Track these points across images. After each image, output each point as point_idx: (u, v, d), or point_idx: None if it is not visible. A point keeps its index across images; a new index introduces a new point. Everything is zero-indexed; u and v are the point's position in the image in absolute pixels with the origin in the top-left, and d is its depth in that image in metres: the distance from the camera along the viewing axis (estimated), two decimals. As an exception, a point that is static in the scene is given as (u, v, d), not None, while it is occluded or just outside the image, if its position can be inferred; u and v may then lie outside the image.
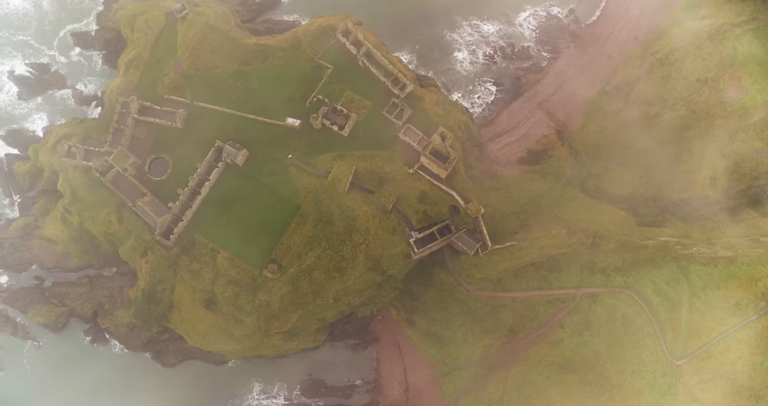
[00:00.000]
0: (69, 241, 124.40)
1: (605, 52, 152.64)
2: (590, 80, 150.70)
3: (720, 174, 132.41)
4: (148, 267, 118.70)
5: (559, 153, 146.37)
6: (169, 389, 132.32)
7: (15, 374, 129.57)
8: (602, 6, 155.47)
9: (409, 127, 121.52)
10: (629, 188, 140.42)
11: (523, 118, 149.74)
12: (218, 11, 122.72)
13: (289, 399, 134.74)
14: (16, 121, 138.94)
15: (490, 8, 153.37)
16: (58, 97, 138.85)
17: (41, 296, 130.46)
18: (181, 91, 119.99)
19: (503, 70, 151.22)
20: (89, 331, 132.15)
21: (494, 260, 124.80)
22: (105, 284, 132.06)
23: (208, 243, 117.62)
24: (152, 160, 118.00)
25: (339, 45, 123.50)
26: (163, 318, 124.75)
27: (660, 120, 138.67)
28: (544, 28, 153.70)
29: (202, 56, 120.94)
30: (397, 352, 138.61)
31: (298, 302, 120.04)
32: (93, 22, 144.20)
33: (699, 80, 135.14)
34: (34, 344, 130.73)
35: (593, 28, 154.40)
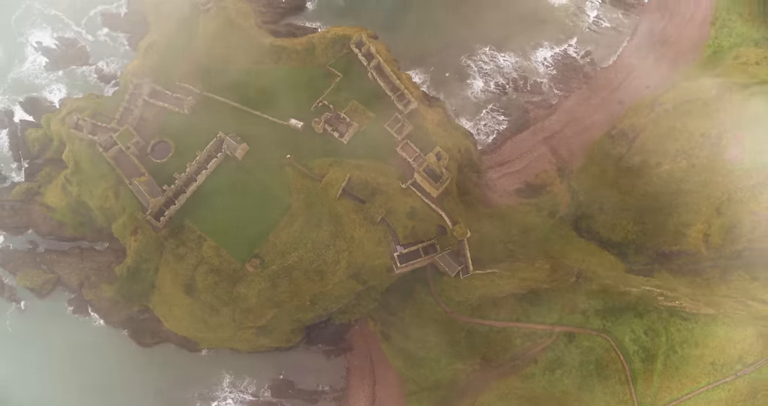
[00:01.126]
0: (66, 210, 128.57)
1: (616, 98, 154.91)
2: (597, 122, 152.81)
3: (714, 232, 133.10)
4: (136, 245, 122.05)
5: (557, 190, 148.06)
6: (140, 369, 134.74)
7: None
8: (619, 52, 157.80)
9: (407, 143, 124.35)
10: (622, 234, 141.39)
11: (526, 151, 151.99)
12: (241, 8, 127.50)
13: (257, 395, 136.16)
14: (36, 90, 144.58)
15: (509, 41, 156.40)
16: (79, 72, 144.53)
17: (32, 260, 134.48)
18: (193, 80, 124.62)
19: (513, 101, 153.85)
20: (73, 301, 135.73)
21: (474, 285, 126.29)
22: (95, 258, 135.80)
23: (196, 230, 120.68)
24: (155, 143, 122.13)
25: (351, 55, 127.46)
26: (143, 297, 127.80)
27: (660, 170, 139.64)
28: (559, 66, 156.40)
29: (218, 48, 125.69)
30: (368, 364, 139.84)
31: (275, 299, 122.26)
32: (124, 4, 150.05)
33: (702, 135, 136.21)
34: (17, 307, 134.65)
35: (607, 73, 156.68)
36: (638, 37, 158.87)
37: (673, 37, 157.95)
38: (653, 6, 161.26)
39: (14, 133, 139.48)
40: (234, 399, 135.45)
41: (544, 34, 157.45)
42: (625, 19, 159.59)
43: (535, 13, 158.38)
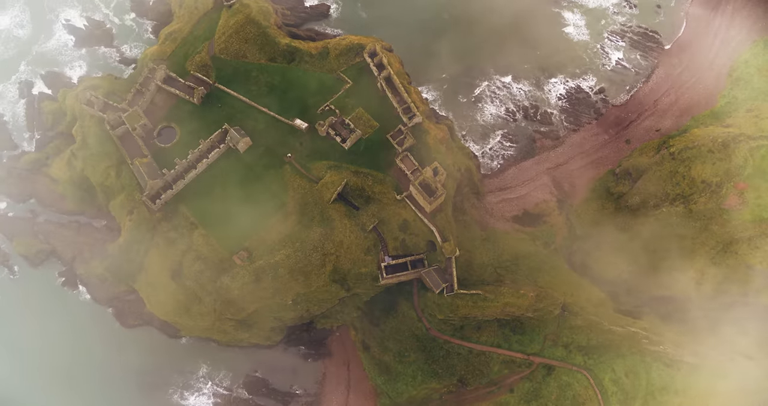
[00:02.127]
0: (69, 183, 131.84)
1: (625, 136, 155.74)
2: (603, 159, 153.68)
3: (707, 280, 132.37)
4: (130, 225, 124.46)
5: (555, 221, 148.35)
6: (120, 349, 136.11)
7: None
8: (633, 92, 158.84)
9: (407, 156, 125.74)
10: (615, 273, 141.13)
11: (529, 179, 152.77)
12: (262, 8, 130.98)
13: (230, 390, 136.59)
14: (57, 65, 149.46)
15: (525, 70, 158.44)
16: (101, 52, 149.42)
17: (30, 229, 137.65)
18: (206, 71, 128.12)
19: (521, 129, 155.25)
20: (64, 273, 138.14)
21: (457, 304, 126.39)
22: (91, 234, 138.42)
23: (189, 216, 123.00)
24: (162, 127, 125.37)
25: (363, 64, 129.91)
26: (131, 278, 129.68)
27: (658, 212, 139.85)
28: (572, 99, 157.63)
29: (235, 44, 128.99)
30: (345, 372, 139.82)
31: (258, 294, 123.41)
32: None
33: (704, 182, 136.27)
34: (9, 273, 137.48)
35: (619, 111, 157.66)
36: (654, 80, 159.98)
37: (688, 83, 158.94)
38: (673, 51, 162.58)
39: (31, 104, 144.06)
40: (207, 391, 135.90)
41: (561, 67, 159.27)
42: (643, 60, 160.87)
43: (554, 45, 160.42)
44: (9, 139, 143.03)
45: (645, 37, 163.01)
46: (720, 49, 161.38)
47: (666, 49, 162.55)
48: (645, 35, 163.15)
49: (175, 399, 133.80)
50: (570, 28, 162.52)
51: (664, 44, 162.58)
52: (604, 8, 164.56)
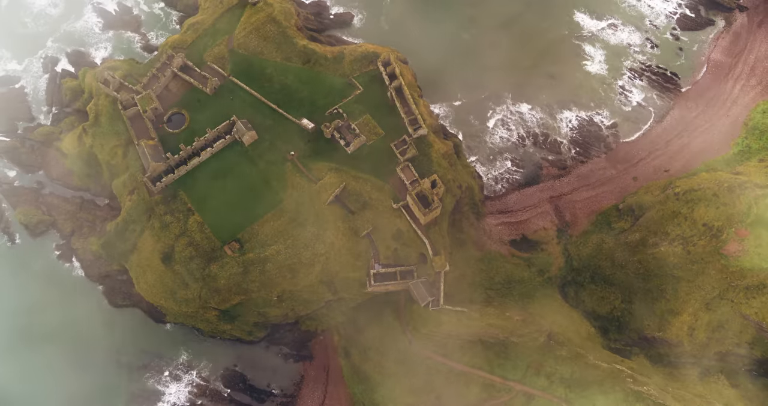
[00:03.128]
0: (77, 159, 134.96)
1: (632, 173, 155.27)
2: (607, 193, 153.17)
3: (700, 327, 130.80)
4: (129, 205, 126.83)
5: (552, 250, 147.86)
6: (104, 327, 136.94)
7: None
8: (645, 131, 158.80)
9: (408, 166, 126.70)
10: (607, 308, 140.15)
11: (531, 206, 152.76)
12: (285, 8, 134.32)
13: (207, 380, 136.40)
14: (83, 45, 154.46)
15: (539, 97, 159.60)
16: (126, 37, 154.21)
17: (35, 199, 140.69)
18: (223, 64, 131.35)
19: (529, 155, 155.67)
20: (61, 246, 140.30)
21: (441, 320, 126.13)
22: (92, 211, 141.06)
23: (187, 202, 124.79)
24: (173, 113, 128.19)
25: (376, 72, 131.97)
26: (123, 257, 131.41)
27: (656, 250, 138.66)
28: (583, 131, 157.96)
29: (254, 41, 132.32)
30: (324, 376, 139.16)
31: (244, 286, 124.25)
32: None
33: (705, 225, 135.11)
34: (8, 241, 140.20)
35: (629, 148, 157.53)
36: (668, 121, 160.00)
37: (702, 127, 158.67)
38: (690, 95, 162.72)
39: (53, 79, 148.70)
40: (185, 379, 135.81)
41: (575, 98, 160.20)
42: (659, 100, 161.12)
43: (571, 76, 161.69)
44: (27, 111, 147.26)
45: (663, 77, 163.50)
46: (738, 96, 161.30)
47: (683, 91, 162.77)
48: (664, 76, 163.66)
49: (151, 383, 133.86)
50: (589, 62, 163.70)
51: (682, 87, 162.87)
52: (626, 45, 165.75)
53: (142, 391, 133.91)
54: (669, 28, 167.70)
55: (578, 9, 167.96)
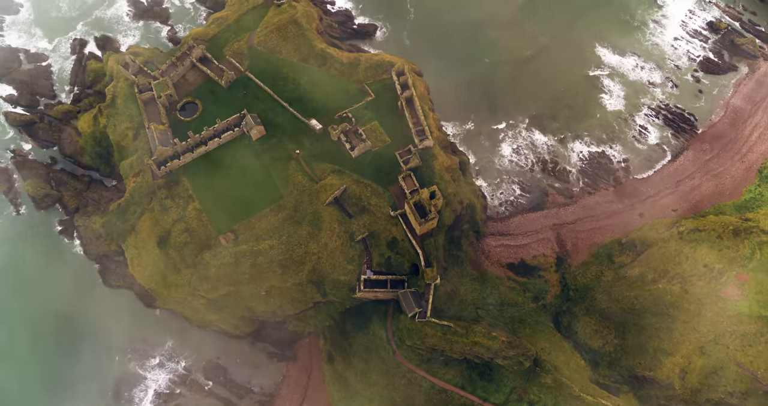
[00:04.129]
0: (90, 138, 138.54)
1: (639, 209, 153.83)
2: (612, 226, 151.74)
3: (693, 371, 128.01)
4: (133, 187, 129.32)
5: (550, 277, 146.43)
6: (95, 305, 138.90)
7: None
8: (657, 169, 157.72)
9: (409, 175, 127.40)
10: (600, 342, 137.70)
11: (532, 231, 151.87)
12: (308, 12, 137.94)
13: (189, 370, 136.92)
14: (111, 31, 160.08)
15: (553, 124, 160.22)
16: (154, 28, 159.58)
17: (45, 174, 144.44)
18: (241, 59, 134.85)
19: (536, 180, 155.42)
20: (64, 222, 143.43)
21: (426, 332, 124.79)
22: (99, 191, 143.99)
23: (189, 189, 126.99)
24: (187, 102, 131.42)
25: (390, 82, 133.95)
26: (121, 237, 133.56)
27: (654, 287, 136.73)
28: (593, 162, 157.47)
29: (274, 40, 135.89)
30: (305, 379, 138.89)
31: (234, 277, 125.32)
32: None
33: (706, 266, 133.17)
34: (15, 211, 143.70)
35: (639, 184, 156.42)
36: (681, 161, 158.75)
37: (716, 170, 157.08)
38: (706, 137, 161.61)
39: (79, 61, 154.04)
40: (168, 367, 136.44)
41: (589, 130, 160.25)
42: (674, 140, 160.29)
43: (587, 108, 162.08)
44: (50, 89, 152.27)
45: (681, 117, 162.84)
46: (755, 144, 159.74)
47: (699, 133, 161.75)
48: (681, 116, 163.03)
49: (132, 365, 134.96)
50: (607, 96, 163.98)
51: (699, 128, 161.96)
52: (646, 83, 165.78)
53: (123, 373, 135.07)
54: (691, 70, 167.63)
55: (601, 43, 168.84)
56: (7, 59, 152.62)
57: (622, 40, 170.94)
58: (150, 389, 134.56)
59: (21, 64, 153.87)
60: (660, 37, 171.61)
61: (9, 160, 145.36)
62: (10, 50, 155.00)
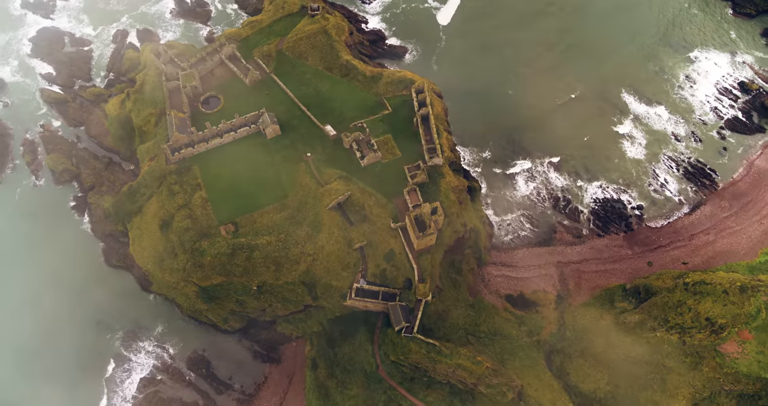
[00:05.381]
0: (114, 121, 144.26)
1: (648, 257, 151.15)
2: (617, 271, 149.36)
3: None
4: (146, 170, 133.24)
5: (548, 314, 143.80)
6: (93, 282, 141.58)
7: (5, 196, 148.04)
8: (671, 220, 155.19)
9: (415, 190, 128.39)
10: (592, 386, 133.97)
11: (536, 265, 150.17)
12: (339, 25, 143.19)
13: (173, 359, 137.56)
14: (153, 26, 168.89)
15: (570, 163, 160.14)
16: (194, 27, 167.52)
17: (68, 151, 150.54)
18: (268, 61, 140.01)
19: (546, 216, 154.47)
20: (78, 199, 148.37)
21: (411, 348, 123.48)
22: (117, 173, 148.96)
23: (198, 178, 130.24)
24: (210, 96, 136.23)
25: (408, 98, 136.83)
26: (128, 218, 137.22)
27: (651, 335, 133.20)
28: (606, 206, 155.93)
29: (302, 46, 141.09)
30: (286, 383, 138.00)
31: (227, 268, 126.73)
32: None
33: (708, 320, 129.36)
34: (33, 182, 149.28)
35: (651, 232, 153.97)
36: (697, 215, 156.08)
37: (732, 229, 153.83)
38: (726, 194, 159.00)
39: (119, 49, 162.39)
40: (154, 353, 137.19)
41: (606, 173, 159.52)
42: (693, 194, 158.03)
43: (607, 152, 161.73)
44: (88, 72, 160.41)
45: (701, 172, 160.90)
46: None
47: (719, 189, 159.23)
48: (702, 171, 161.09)
49: (117, 345, 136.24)
50: (628, 142, 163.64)
51: (719, 185, 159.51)
52: (669, 134, 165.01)
53: (109, 351, 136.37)
54: (716, 127, 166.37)
55: (627, 90, 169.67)
56: (52, 40, 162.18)
57: (650, 90, 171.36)
58: (133, 370, 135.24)
59: (64, 47, 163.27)
60: (689, 91, 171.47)
61: (37, 134, 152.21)
62: (57, 32, 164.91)
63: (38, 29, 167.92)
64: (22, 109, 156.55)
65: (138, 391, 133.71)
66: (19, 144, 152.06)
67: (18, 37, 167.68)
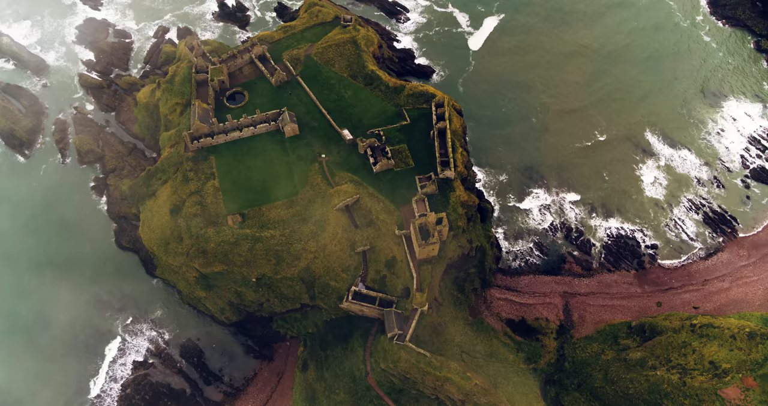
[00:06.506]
0: (143, 108, 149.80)
1: (658, 298, 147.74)
2: (625, 308, 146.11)
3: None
4: (165, 156, 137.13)
5: (548, 343, 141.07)
6: (101, 262, 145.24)
7: (32, 170, 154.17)
8: (685, 262, 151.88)
9: (423, 200, 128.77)
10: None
11: (541, 293, 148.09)
12: (368, 36, 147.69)
13: (167, 344, 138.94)
14: (193, 24, 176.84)
15: (587, 196, 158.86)
16: (232, 30, 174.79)
17: (96, 134, 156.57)
18: (295, 64, 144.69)
19: (557, 245, 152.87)
20: (98, 179, 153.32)
21: (400, 356, 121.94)
22: (139, 159, 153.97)
23: (213, 167, 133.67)
24: (236, 91, 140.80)
25: (428, 111, 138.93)
26: (141, 201, 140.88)
27: (652, 374, 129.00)
28: (619, 241, 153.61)
29: (331, 53, 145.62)
30: (275, 382, 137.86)
31: (229, 257, 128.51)
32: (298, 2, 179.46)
33: (712, 363, 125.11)
34: (59, 159, 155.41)
35: (663, 272, 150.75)
36: (713, 261, 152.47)
37: (749, 278, 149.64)
38: (745, 243, 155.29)
39: (158, 44, 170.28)
40: (148, 335, 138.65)
41: (622, 210, 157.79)
42: (711, 239, 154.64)
43: (625, 188, 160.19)
44: (126, 62, 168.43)
45: (722, 219, 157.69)
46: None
47: (738, 238, 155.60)
48: (722, 217, 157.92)
49: (116, 325, 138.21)
50: (648, 182, 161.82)
51: (739, 233, 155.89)
52: (692, 177, 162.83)
53: (106, 330, 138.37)
54: (741, 175, 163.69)
55: (653, 129, 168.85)
56: (97, 30, 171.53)
57: (676, 132, 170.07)
58: (128, 351, 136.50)
59: (107, 37, 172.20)
60: (715, 138, 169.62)
61: (69, 115, 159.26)
62: (103, 23, 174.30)
63: (85, 19, 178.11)
64: (60, 91, 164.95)
65: (130, 372, 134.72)
66: (52, 123, 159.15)
67: (66, 25, 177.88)
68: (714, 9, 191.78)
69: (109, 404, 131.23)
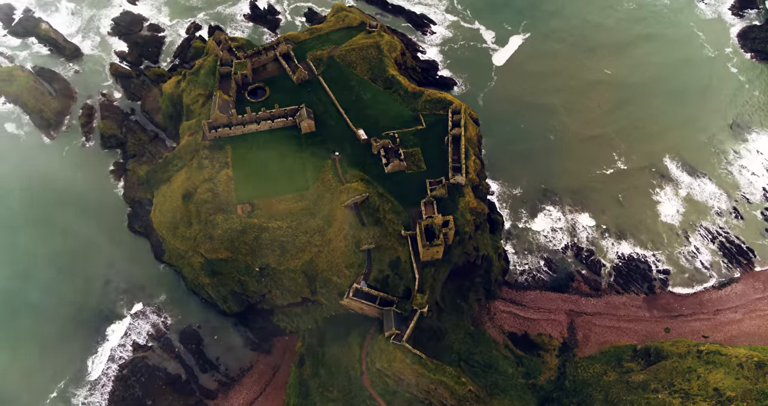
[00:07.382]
0: (167, 98, 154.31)
1: (666, 323, 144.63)
2: (631, 331, 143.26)
3: None
4: (183, 143, 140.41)
5: (549, 360, 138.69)
6: (112, 244, 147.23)
7: (55, 150, 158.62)
8: (697, 291, 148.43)
9: (432, 203, 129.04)
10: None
11: (546, 309, 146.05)
12: (392, 42, 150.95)
13: (167, 329, 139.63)
14: (224, 24, 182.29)
15: (600, 216, 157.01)
16: (260, 31, 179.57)
17: (120, 120, 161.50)
18: (318, 64, 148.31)
19: (566, 263, 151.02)
20: (118, 164, 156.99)
21: (395, 356, 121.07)
22: (159, 147, 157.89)
23: (228, 157, 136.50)
24: (258, 86, 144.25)
25: (444, 118, 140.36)
26: (156, 185, 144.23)
27: (653, 397, 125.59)
28: (630, 264, 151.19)
29: (353, 56, 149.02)
30: (270, 375, 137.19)
31: (234, 244, 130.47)
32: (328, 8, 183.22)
33: (716, 390, 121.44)
34: (83, 142, 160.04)
35: (673, 299, 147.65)
36: (726, 292, 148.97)
37: (763, 311, 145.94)
38: (762, 276, 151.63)
39: (188, 40, 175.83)
40: (151, 319, 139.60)
41: (635, 233, 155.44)
42: (726, 269, 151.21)
43: (640, 211, 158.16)
44: (156, 55, 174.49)
45: (738, 250, 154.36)
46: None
47: (754, 270, 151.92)
48: (739, 248, 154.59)
49: (120, 306, 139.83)
50: (664, 207, 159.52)
51: (755, 266, 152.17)
52: (710, 206, 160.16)
53: (110, 311, 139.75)
54: (762, 207, 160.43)
55: (672, 156, 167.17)
56: (133, 23, 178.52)
57: (697, 160, 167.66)
58: (129, 333, 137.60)
59: (141, 30, 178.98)
60: (737, 168, 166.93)
61: (97, 101, 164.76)
62: (138, 17, 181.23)
63: (122, 11, 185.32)
64: (91, 78, 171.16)
65: (130, 354, 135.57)
66: (79, 107, 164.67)
67: (103, 16, 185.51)
68: (743, 42, 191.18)
69: (105, 383, 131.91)
